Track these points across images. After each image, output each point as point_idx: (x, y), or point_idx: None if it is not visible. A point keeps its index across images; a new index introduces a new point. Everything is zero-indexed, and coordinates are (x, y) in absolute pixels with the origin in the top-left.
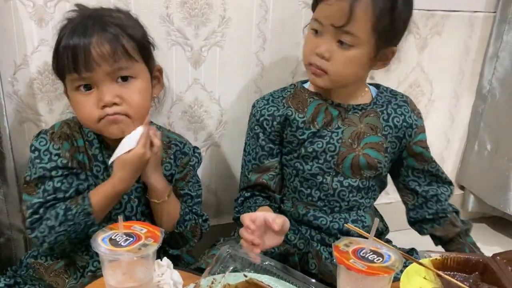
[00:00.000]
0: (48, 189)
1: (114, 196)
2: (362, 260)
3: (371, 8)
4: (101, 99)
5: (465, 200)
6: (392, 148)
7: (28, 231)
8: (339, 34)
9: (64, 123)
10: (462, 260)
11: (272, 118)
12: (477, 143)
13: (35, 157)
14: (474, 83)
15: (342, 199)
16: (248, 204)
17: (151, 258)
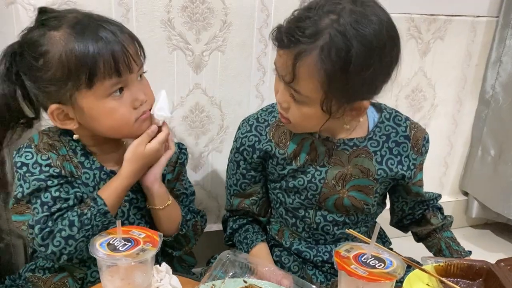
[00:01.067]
0: (46, 201)
1: (124, 191)
2: (363, 265)
3: (316, 69)
4: (137, 99)
5: (469, 206)
6: (384, 187)
7: (41, 248)
8: (289, 89)
9: (42, 134)
10: (466, 266)
11: (252, 150)
12: (481, 148)
13: (24, 172)
14: (477, 88)
15: (327, 232)
16: (239, 237)
17: (150, 263)
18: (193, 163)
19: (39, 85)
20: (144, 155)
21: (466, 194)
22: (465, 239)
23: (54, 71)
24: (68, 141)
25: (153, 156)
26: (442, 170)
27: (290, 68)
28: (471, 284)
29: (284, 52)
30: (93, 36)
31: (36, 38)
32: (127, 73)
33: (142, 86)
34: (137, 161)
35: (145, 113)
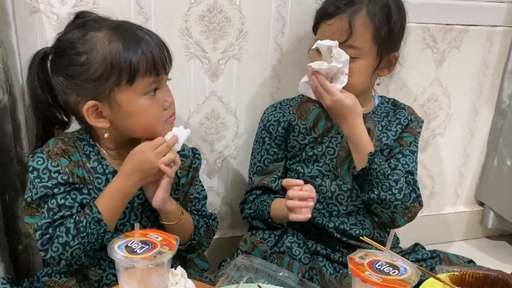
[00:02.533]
0: (52, 207)
1: (118, 197)
2: (377, 272)
3: (368, 21)
4: (166, 100)
5: (485, 217)
6: (387, 152)
7: (42, 253)
8: (344, 49)
9: (57, 139)
10: (481, 276)
11: (278, 123)
12: (497, 158)
13: (34, 177)
14: (493, 98)
15: (340, 203)
16: (258, 204)
17: (166, 266)
18: (208, 169)
19: (77, 81)
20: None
21: (481, 205)
22: (481, 250)
23: (96, 68)
24: (83, 146)
25: (144, 162)
26: (457, 180)
27: (346, 27)
28: None
29: (336, 18)
30: (135, 37)
31: (78, 37)
32: (163, 74)
33: (168, 90)
34: (125, 164)
35: (172, 116)
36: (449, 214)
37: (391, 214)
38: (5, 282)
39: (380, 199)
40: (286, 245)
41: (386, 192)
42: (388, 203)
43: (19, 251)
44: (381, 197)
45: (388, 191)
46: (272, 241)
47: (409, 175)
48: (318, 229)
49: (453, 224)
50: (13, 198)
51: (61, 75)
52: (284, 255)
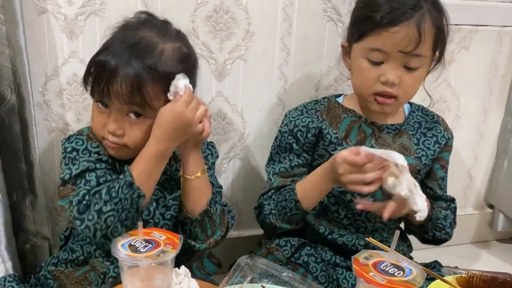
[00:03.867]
0: (90, 179)
1: (153, 160)
2: (382, 273)
3: (432, 25)
4: (107, 125)
5: (494, 220)
6: (427, 170)
7: (77, 222)
8: (407, 59)
9: (90, 128)
10: (489, 278)
11: (307, 129)
12: (507, 160)
13: (75, 156)
14: (503, 99)
15: (369, 220)
16: (281, 190)
17: (170, 265)
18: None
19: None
20: (164, 119)
21: (491, 207)
22: (491, 253)
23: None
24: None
25: (177, 119)
26: (466, 182)
27: (416, 34)
28: None
29: (403, 25)
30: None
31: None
32: (106, 99)
33: (124, 123)
34: (161, 125)
35: (108, 141)
36: (458, 217)
37: (440, 243)
38: (11, 280)
39: (435, 239)
40: (303, 259)
41: (440, 231)
42: (442, 241)
43: (26, 249)
44: (437, 238)
45: (442, 231)
46: (288, 251)
47: (451, 204)
48: (340, 244)
49: (462, 227)
50: (21, 197)
51: None
52: (299, 266)
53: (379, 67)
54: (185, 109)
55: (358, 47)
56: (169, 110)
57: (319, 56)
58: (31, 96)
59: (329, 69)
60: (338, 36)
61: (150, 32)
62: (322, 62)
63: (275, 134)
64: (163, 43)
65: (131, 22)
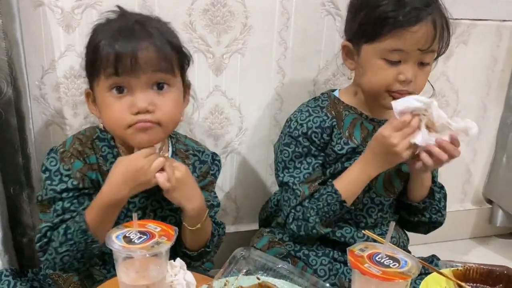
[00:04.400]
0: (57, 209)
1: (107, 209)
2: (377, 265)
3: (441, 20)
4: (135, 105)
5: (493, 215)
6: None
7: (39, 254)
8: (423, 56)
9: (75, 138)
10: (485, 271)
11: (321, 130)
12: (506, 155)
13: (46, 177)
14: (502, 94)
15: (370, 215)
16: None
17: (164, 256)
18: None
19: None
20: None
21: (490, 202)
22: (490, 249)
23: (87, 58)
24: (101, 147)
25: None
26: (465, 178)
27: (432, 31)
28: None
29: (422, 24)
30: (114, 34)
31: (94, 27)
32: (127, 76)
33: (152, 96)
34: (113, 172)
35: (141, 123)
36: (457, 212)
37: (431, 228)
38: (8, 274)
39: (431, 221)
40: (304, 252)
41: (436, 214)
42: (437, 223)
43: (23, 243)
44: (432, 220)
45: (437, 213)
46: (291, 246)
47: (441, 190)
48: (339, 237)
49: (461, 222)
50: (18, 191)
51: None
52: (299, 260)
53: (397, 66)
54: (141, 158)
55: (372, 48)
56: (125, 158)
57: (317, 50)
58: (28, 89)
59: (327, 63)
60: (336, 30)
61: (138, 15)
62: (320, 57)
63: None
64: (157, 20)
65: (111, 16)
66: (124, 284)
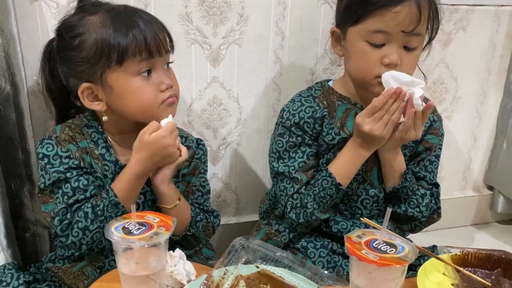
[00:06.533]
0: (67, 191)
1: (135, 180)
2: (374, 251)
3: (428, 3)
4: (163, 82)
5: (494, 201)
6: (409, 151)
7: (62, 239)
8: (408, 39)
9: (64, 126)
10: (484, 256)
11: (313, 120)
12: (506, 141)
13: (45, 163)
14: (501, 80)
15: (365, 207)
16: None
17: (163, 246)
18: (212, 156)
19: (72, 64)
20: (149, 143)
21: (491, 189)
22: (491, 235)
23: (88, 50)
24: (90, 133)
25: (158, 144)
26: (465, 164)
27: (416, 13)
28: (489, 274)
29: (405, 4)
30: (128, 20)
31: (74, 21)
32: (156, 56)
33: (168, 74)
34: (143, 148)
35: (171, 97)
36: (457, 199)
37: (413, 226)
38: (10, 267)
39: (406, 215)
40: (302, 244)
41: (413, 209)
42: (413, 218)
43: (26, 238)
44: (408, 214)
45: (415, 208)
46: (286, 237)
47: (433, 188)
48: (336, 232)
49: (462, 209)
50: (19, 186)
51: (60, 59)
52: (297, 251)
53: (381, 49)
54: (168, 134)
55: (356, 30)
56: (154, 135)
57: (314, 39)
58: (26, 84)
59: (325, 52)
60: (333, 18)
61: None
62: (318, 46)
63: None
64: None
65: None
66: (124, 275)
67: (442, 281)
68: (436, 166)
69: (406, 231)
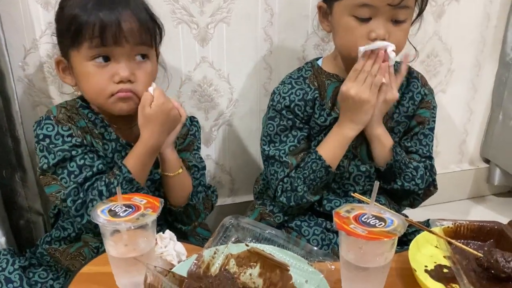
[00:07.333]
0: (73, 170)
1: (148, 154)
2: (363, 225)
3: None
4: (118, 74)
5: (491, 174)
6: (402, 127)
7: (77, 219)
8: (395, 12)
9: (60, 107)
10: (476, 227)
11: (304, 103)
12: (502, 113)
13: (48, 143)
14: (496, 51)
15: (357, 183)
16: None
17: (151, 228)
18: (205, 137)
19: (56, 36)
20: (155, 114)
21: (487, 162)
22: (489, 208)
23: (61, 24)
24: (87, 113)
25: (162, 111)
26: (461, 138)
27: None
28: (482, 245)
29: None
30: (100, 3)
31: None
32: (112, 45)
33: (135, 67)
34: (151, 121)
35: (122, 91)
36: (454, 173)
37: (412, 200)
38: (6, 253)
39: (404, 189)
40: (296, 223)
41: (409, 182)
42: (410, 192)
43: (20, 225)
44: (405, 188)
45: (411, 182)
46: (280, 217)
47: (427, 160)
48: (329, 210)
49: (459, 183)
50: (10, 174)
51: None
52: (292, 230)
53: (367, 23)
54: (165, 100)
55: (341, 5)
56: (155, 106)
57: (304, 15)
58: (11, 70)
59: (316, 28)
60: None
61: None
62: (308, 22)
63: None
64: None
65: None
66: (113, 258)
67: (434, 254)
68: (431, 139)
69: (405, 206)
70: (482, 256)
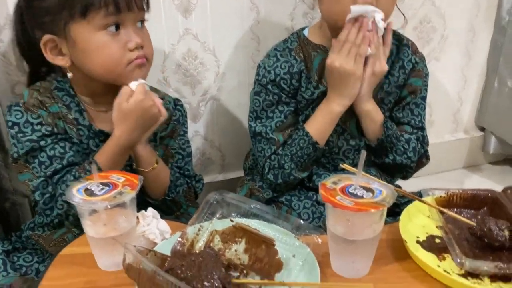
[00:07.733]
0: (43, 160)
1: (120, 153)
2: (350, 196)
3: None
4: (131, 40)
5: (486, 142)
6: (393, 98)
7: (47, 211)
8: None
9: (32, 90)
10: (469, 196)
11: (290, 76)
12: (497, 80)
13: (16, 132)
14: (491, 15)
15: (347, 157)
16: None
17: (129, 206)
18: (192, 113)
19: (36, 15)
20: (131, 110)
21: (482, 130)
22: (484, 176)
23: (51, 1)
24: (61, 96)
25: (143, 109)
26: (456, 106)
27: None
28: (475, 213)
29: None
30: None
31: None
32: (125, 11)
33: (141, 33)
34: (126, 118)
35: (140, 58)
36: (449, 142)
37: (405, 172)
38: None
39: (396, 163)
40: (286, 198)
41: (401, 156)
42: (403, 165)
43: (6, 208)
44: (397, 161)
45: (403, 155)
46: (269, 193)
47: (419, 131)
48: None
49: (454, 152)
50: None
51: (26, 8)
52: (282, 205)
53: None
54: (145, 97)
55: None
56: (133, 101)
57: None
58: None
59: None
60: None
61: None
62: None
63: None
64: None
65: None
66: (92, 239)
67: (426, 224)
68: (423, 108)
69: (398, 179)
70: (475, 225)
